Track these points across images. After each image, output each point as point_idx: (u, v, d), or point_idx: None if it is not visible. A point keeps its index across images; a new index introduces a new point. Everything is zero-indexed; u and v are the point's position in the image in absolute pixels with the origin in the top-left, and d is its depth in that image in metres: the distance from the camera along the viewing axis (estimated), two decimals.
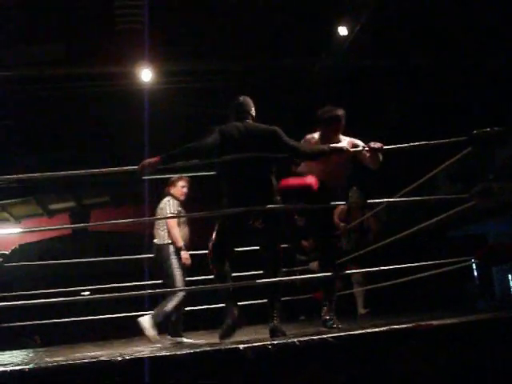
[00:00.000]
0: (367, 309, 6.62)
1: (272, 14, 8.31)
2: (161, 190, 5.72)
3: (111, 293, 4.31)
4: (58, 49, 8.48)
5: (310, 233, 5.26)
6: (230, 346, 2.87)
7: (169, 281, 5.31)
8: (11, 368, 2.68)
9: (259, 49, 8.80)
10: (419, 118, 9.27)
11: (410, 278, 5.47)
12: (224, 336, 3.86)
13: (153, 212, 5.64)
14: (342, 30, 8.27)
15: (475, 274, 10.34)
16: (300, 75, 9.43)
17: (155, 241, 5.50)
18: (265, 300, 4.11)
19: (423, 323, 3.01)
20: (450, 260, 4.68)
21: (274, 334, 3.86)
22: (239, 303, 4.08)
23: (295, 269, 6.88)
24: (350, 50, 8.56)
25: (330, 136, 4.54)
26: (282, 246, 4.26)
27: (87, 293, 9.49)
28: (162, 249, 5.43)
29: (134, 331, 6.90)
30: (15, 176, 4.38)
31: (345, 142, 4.54)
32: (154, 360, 2.73)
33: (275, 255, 4.15)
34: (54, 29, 8.21)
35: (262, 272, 4.29)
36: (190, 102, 9.56)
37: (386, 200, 5.30)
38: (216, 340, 3.89)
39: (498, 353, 2.98)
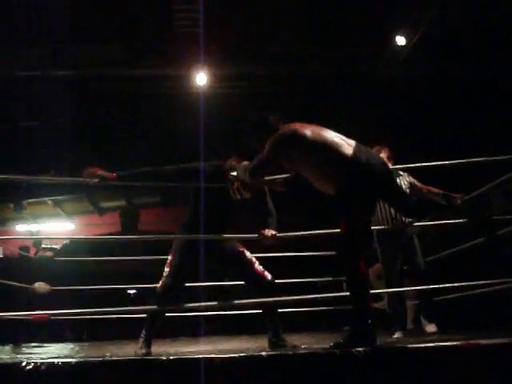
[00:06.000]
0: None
1: (326, 22, 8.30)
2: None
3: None
4: (116, 50, 8.69)
5: None
6: (253, 354, 2.86)
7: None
8: (59, 360, 2.73)
9: (314, 55, 8.79)
10: (479, 132, 8.99)
11: (462, 294, 5.34)
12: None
13: None
14: (400, 40, 8.18)
15: None
16: (357, 84, 9.35)
17: None
18: None
19: (472, 341, 2.92)
20: (502, 280, 4.53)
21: None
22: None
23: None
24: (408, 60, 8.46)
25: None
26: None
27: (133, 291, 9.61)
28: None
29: (179, 331, 6.94)
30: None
31: None
32: (195, 362, 2.74)
33: None
34: (112, 30, 8.41)
35: None
36: (244, 107, 9.61)
37: (435, 222, 5.07)
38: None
39: None
